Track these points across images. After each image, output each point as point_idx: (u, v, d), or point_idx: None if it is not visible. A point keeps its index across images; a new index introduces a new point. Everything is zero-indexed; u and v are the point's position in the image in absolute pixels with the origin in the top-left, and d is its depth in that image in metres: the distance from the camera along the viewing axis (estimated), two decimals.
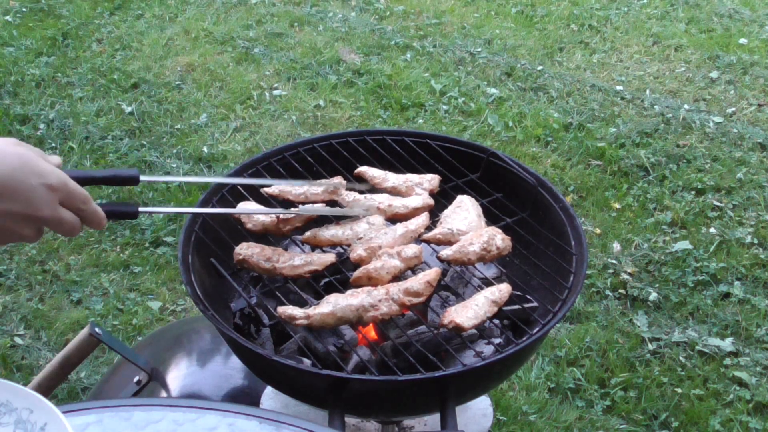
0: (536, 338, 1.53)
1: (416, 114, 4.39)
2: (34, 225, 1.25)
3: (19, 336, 3.12)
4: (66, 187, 1.26)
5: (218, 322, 1.55)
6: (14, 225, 1.23)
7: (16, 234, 1.24)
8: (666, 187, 3.88)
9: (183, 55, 4.86)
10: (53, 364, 1.97)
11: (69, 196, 1.27)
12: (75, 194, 1.27)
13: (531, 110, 4.43)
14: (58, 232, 1.29)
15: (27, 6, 5.33)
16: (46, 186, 1.23)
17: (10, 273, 3.38)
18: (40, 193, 1.22)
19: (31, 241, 1.27)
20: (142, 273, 3.39)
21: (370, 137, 1.95)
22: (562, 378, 2.97)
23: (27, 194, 1.21)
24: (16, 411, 1.13)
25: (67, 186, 1.26)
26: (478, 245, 1.64)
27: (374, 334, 1.69)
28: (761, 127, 4.33)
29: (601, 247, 3.54)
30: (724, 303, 3.28)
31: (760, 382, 2.96)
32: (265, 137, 4.19)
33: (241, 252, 1.67)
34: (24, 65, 4.71)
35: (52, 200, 1.24)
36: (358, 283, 1.60)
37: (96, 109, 4.36)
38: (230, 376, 2.03)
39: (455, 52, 4.97)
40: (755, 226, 3.66)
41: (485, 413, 1.94)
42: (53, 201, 1.24)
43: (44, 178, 1.23)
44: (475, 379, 1.53)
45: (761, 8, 5.54)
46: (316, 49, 4.95)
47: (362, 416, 1.82)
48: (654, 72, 4.84)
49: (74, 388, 2.90)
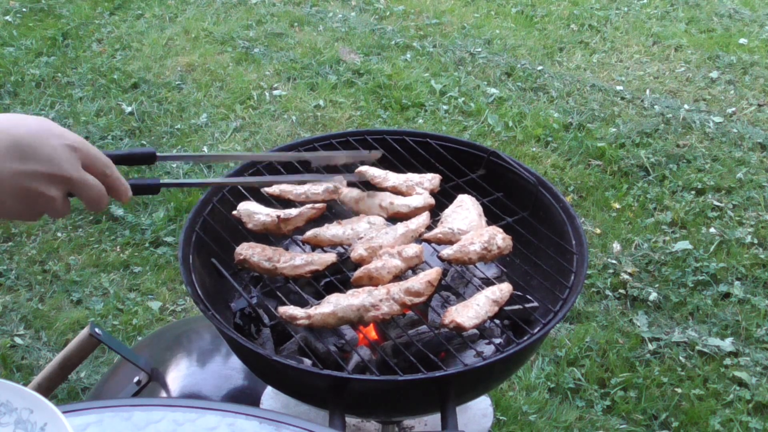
0: (537, 338, 1.53)
1: (416, 114, 4.39)
2: (60, 185, 1.23)
3: (19, 336, 3.12)
4: (86, 148, 1.26)
5: (219, 322, 1.55)
6: (40, 185, 1.21)
7: (43, 196, 1.22)
8: (666, 187, 3.88)
9: (183, 55, 4.86)
10: (53, 364, 1.97)
11: (91, 159, 1.26)
12: (97, 158, 1.27)
13: (531, 110, 4.43)
14: (84, 199, 1.27)
15: (27, 6, 5.33)
16: (67, 146, 1.23)
17: (10, 273, 3.37)
18: (61, 152, 1.22)
19: (58, 209, 1.25)
20: (142, 273, 3.39)
21: (370, 137, 1.95)
22: (562, 378, 2.97)
23: (49, 153, 1.21)
24: (16, 411, 1.13)
25: (88, 148, 1.26)
26: (478, 245, 1.63)
27: (375, 333, 1.69)
28: (761, 127, 4.33)
29: (601, 247, 3.54)
30: (724, 303, 3.28)
31: (760, 382, 2.96)
32: (265, 137, 4.19)
33: (242, 252, 1.66)
34: (24, 65, 4.71)
35: (75, 160, 1.24)
36: (359, 283, 1.60)
37: (96, 109, 4.36)
38: (230, 376, 2.03)
39: (455, 52, 4.97)
40: (755, 226, 3.66)
41: (485, 413, 1.94)
42: (76, 161, 1.24)
43: (64, 139, 1.23)
44: (475, 378, 1.53)
45: (761, 8, 5.54)
46: (316, 49, 4.95)
47: (362, 416, 1.82)
48: (654, 72, 4.84)
49: (74, 388, 2.90)
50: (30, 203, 1.23)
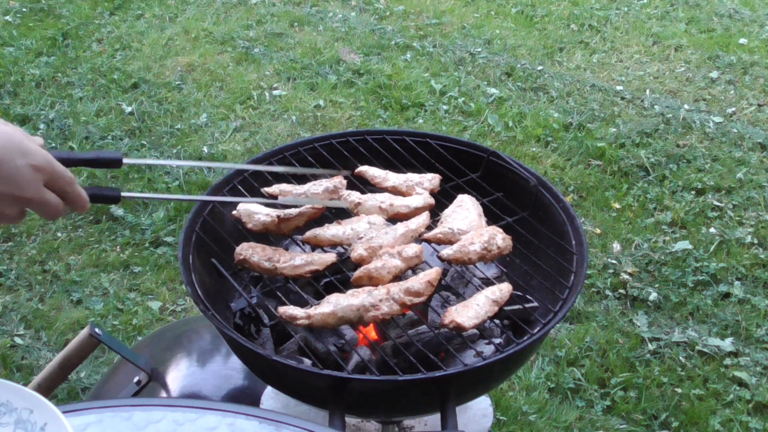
0: (537, 338, 1.53)
1: (416, 114, 4.39)
2: (17, 206, 1.23)
3: (19, 336, 3.12)
4: (51, 167, 1.24)
5: (219, 322, 1.55)
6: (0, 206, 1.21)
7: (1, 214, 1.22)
8: (666, 187, 3.88)
9: (183, 55, 4.86)
10: (53, 364, 1.97)
11: (54, 177, 1.25)
12: (60, 176, 1.26)
13: (531, 110, 4.43)
14: (40, 214, 1.27)
15: (27, 6, 5.32)
16: (32, 166, 1.21)
17: (10, 273, 3.37)
18: (25, 174, 1.20)
19: (13, 222, 1.25)
20: (142, 273, 3.39)
21: (370, 137, 1.95)
22: (562, 378, 2.97)
23: (12, 174, 1.19)
24: (16, 411, 1.13)
25: (53, 167, 1.24)
26: (478, 245, 1.64)
27: (375, 333, 1.69)
28: (761, 127, 4.33)
29: (601, 247, 3.54)
30: (724, 303, 3.28)
31: (760, 382, 2.96)
32: (265, 137, 4.19)
33: (242, 252, 1.66)
34: (24, 65, 4.71)
35: (37, 181, 1.22)
36: (359, 283, 1.60)
37: (96, 109, 4.36)
38: (230, 376, 2.03)
39: (455, 52, 4.97)
40: (755, 226, 3.66)
41: (485, 413, 1.94)
42: (38, 182, 1.22)
43: (30, 158, 1.21)
44: (475, 378, 1.53)
45: (761, 8, 5.54)
46: (316, 49, 4.95)
47: (362, 416, 1.82)
48: (654, 72, 4.84)
49: (74, 388, 2.90)
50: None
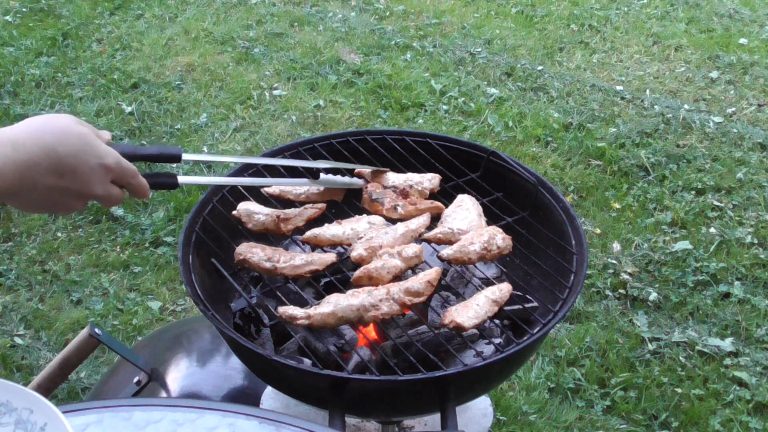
0: (537, 338, 1.53)
1: (416, 114, 4.39)
2: (85, 200, 1.33)
3: (19, 336, 3.12)
4: (120, 167, 1.34)
5: (218, 322, 1.54)
6: (68, 199, 1.31)
7: (67, 206, 1.33)
8: (666, 187, 3.88)
9: (183, 55, 4.86)
10: (53, 364, 1.97)
11: (121, 174, 1.35)
12: (126, 171, 1.36)
13: (531, 110, 4.43)
14: (102, 204, 1.38)
15: (27, 6, 5.32)
16: (104, 166, 1.31)
17: (10, 273, 3.37)
18: (97, 173, 1.30)
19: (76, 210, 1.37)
20: (142, 273, 3.39)
21: (370, 137, 1.95)
22: (562, 378, 2.97)
23: (86, 174, 1.29)
24: (16, 411, 1.13)
25: (121, 166, 1.35)
26: (478, 244, 1.63)
27: (375, 334, 1.69)
28: (761, 127, 4.33)
29: (601, 247, 3.54)
30: (724, 303, 3.28)
31: (760, 382, 2.96)
32: (265, 137, 4.19)
33: (242, 252, 1.66)
34: (24, 65, 4.71)
35: (106, 179, 1.33)
36: (359, 283, 1.60)
37: (96, 109, 4.36)
38: (230, 376, 2.03)
39: (455, 52, 4.97)
40: (755, 226, 3.66)
41: (485, 413, 1.94)
42: (107, 180, 1.33)
43: (102, 159, 1.31)
44: (475, 378, 1.53)
45: (761, 8, 5.54)
46: (316, 49, 4.95)
47: (362, 416, 1.82)
48: (654, 72, 4.84)
49: (74, 388, 2.90)
50: (54, 208, 1.34)
